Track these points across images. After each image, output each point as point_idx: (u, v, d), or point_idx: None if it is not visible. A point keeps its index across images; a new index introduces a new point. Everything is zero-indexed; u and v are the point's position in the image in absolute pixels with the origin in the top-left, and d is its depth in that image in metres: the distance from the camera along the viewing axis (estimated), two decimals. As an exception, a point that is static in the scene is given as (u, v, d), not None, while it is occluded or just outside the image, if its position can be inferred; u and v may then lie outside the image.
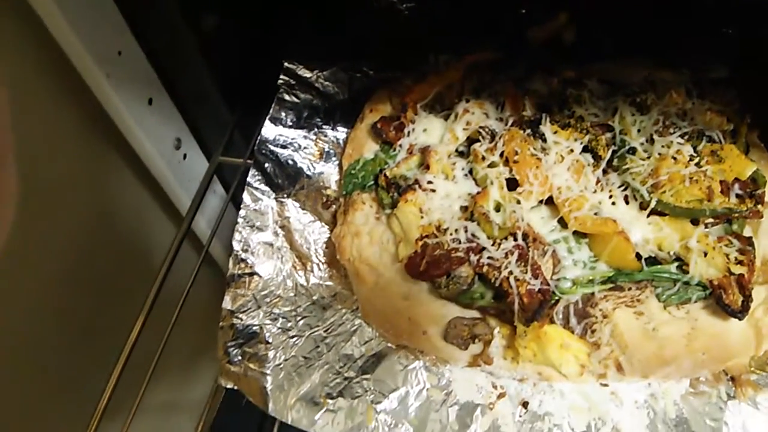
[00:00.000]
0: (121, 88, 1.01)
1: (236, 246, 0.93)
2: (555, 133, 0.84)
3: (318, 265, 0.96)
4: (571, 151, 0.83)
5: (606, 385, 0.82)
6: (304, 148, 1.04)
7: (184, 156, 1.25)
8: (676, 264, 0.80)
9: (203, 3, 1.03)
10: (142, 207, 1.24)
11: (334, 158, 1.05)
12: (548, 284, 0.78)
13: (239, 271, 0.92)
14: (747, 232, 0.84)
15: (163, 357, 1.07)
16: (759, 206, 0.82)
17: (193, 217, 1.13)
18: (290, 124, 1.05)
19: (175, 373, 1.32)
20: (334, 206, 1.01)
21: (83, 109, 0.99)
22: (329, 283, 0.95)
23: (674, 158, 0.79)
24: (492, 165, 0.85)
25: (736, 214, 0.80)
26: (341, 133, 1.07)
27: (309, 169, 1.03)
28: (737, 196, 0.81)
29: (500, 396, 0.84)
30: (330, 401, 0.84)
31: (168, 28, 1.04)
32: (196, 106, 1.19)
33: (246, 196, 0.96)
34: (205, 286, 1.15)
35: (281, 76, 1.07)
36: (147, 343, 1.07)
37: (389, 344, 0.89)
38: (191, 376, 1.38)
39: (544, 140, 0.85)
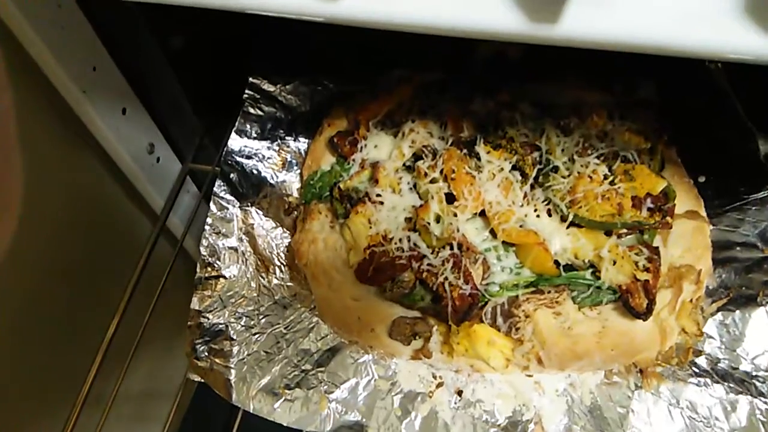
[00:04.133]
0: (97, 101, 1.08)
1: (203, 251, 1.02)
2: (488, 153, 0.94)
3: (280, 267, 1.06)
4: (502, 169, 0.92)
5: (530, 375, 0.93)
6: (268, 158, 1.13)
7: (158, 159, 1.32)
8: (590, 270, 0.90)
9: (171, 22, 1.09)
10: (118, 207, 1.32)
11: (296, 167, 1.14)
12: (477, 289, 0.88)
13: (206, 275, 1.01)
14: (657, 241, 0.94)
15: (141, 348, 1.16)
16: (668, 218, 0.93)
17: (166, 218, 1.21)
18: (255, 135, 1.13)
19: (153, 363, 1.41)
20: (295, 212, 1.10)
21: (61, 121, 1.06)
22: (290, 284, 1.05)
23: (590, 177, 0.90)
24: (433, 181, 0.94)
25: (646, 226, 0.91)
26: (303, 143, 1.16)
27: (272, 178, 1.12)
28: (649, 209, 0.92)
29: (438, 385, 0.94)
30: (288, 392, 0.94)
31: (139, 44, 1.11)
32: (168, 114, 1.26)
33: (212, 206, 1.05)
34: (180, 279, 1.23)
35: (246, 91, 1.15)
36: (126, 335, 1.16)
37: (343, 340, 0.99)
38: (168, 366, 1.48)
39: (479, 159, 0.94)
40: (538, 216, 0.92)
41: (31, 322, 1.08)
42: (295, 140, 1.15)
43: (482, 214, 0.93)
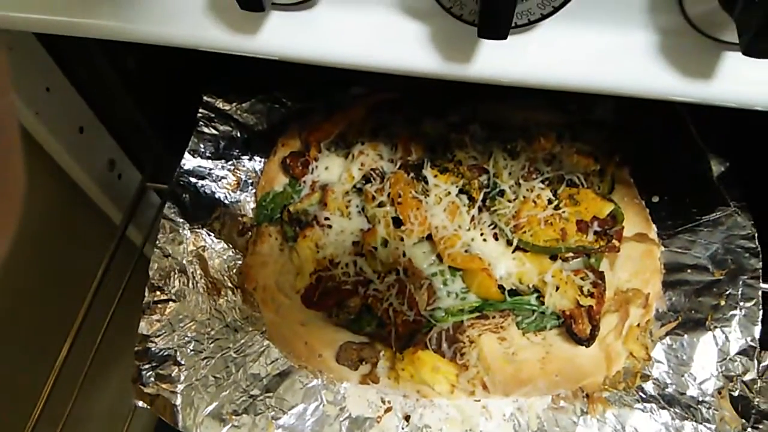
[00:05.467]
0: (51, 121, 1.07)
1: (152, 275, 1.01)
2: (435, 176, 0.94)
3: (231, 290, 1.05)
4: (448, 193, 0.92)
5: (478, 400, 0.93)
6: (222, 178, 1.12)
7: (119, 176, 1.32)
8: (534, 296, 0.90)
9: (124, 46, 1.09)
10: (78, 224, 1.32)
11: (250, 187, 1.13)
12: (421, 315, 0.88)
13: (155, 299, 1.00)
14: (604, 265, 0.94)
15: (109, 368, 1.16)
16: (614, 242, 0.92)
17: (123, 234, 1.21)
18: (209, 155, 1.13)
19: (114, 380, 1.41)
20: (249, 233, 1.09)
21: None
22: (242, 306, 1.04)
23: (534, 202, 0.89)
24: (381, 204, 0.94)
25: (591, 251, 0.91)
26: (258, 163, 1.15)
27: (226, 198, 1.11)
28: (595, 233, 0.91)
29: (387, 410, 0.94)
30: (235, 417, 0.93)
31: (94, 65, 1.11)
32: (128, 132, 1.26)
33: (162, 228, 1.04)
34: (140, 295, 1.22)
35: (200, 110, 1.14)
36: (82, 353, 1.16)
37: (293, 364, 0.99)
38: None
39: (426, 183, 0.94)
40: (484, 240, 0.92)
41: None
42: (250, 159, 1.15)
43: (429, 238, 0.93)
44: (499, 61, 0.55)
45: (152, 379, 0.95)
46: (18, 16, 0.69)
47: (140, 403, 0.94)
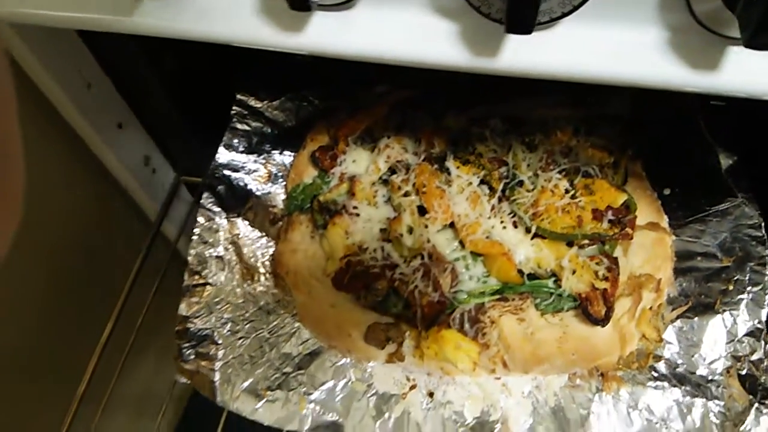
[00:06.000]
0: (92, 116, 1.14)
1: (191, 260, 1.08)
2: (457, 168, 1.00)
3: (264, 275, 1.12)
4: (470, 183, 0.98)
5: (498, 378, 0.99)
6: (254, 171, 1.19)
7: (153, 171, 1.40)
8: (552, 279, 0.96)
9: (161, 44, 1.16)
10: (114, 215, 1.39)
11: (281, 180, 1.20)
12: (445, 296, 0.94)
13: (194, 282, 1.07)
14: (618, 252, 0.99)
15: (142, 349, 1.23)
16: (628, 229, 0.98)
17: (159, 226, 1.28)
18: (242, 149, 1.19)
19: (151, 361, 1.48)
20: (280, 222, 1.16)
21: (60, 138, 1.13)
22: (274, 291, 1.11)
23: (552, 191, 0.95)
24: (406, 194, 1.00)
25: (606, 237, 0.96)
26: (288, 157, 1.22)
27: (258, 190, 1.18)
28: (609, 221, 0.97)
29: (412, 387, 1.00)
30: (269, 393, 0.99)
31: (133, 63, 1.18)
32: (163, 128, 1.33)
33: (200, 217, 1.11)
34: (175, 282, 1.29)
35: (234, 107, 1.21)
36: (124, 337, 1.23)
37: (322, 344, 1.05)
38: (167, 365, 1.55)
39: (449, 174, 1.00)
40: (504, 227, 0.97)
41: (32, 325, 1.15)
42: (280, 154, 1.21)
43: (452, 225, 0.99)
44: (524, 55, 0.61)
45: (192, 356, 1.01)
46: (79, 16, 0.75)
47: (182, 379, 1.00)
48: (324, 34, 0.67)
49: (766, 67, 0.59)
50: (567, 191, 0.96)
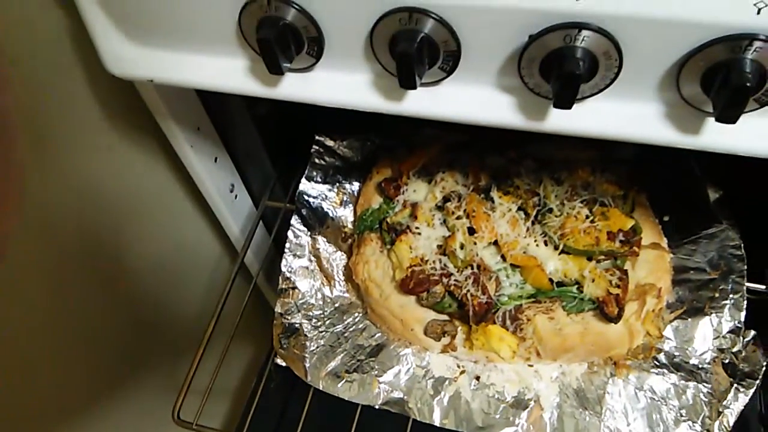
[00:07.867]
0: (197, 151, 1.41)
1: (284, 268, 1.34)
2: (500, 197, 1.25)
3: (339, 282, 1.37)
4: (510, 210, 1.23)
5: (531, 365, 1.23)
6: (329, 198, 1.45)
7: (236, 197, 1.66)
8: (575, 286, 1.19)
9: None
10: (203, 234, 1.66)
11: (350, 205, 1.46)
12: (492, 299, 1.18)
13: (285, 286, 1.33)
14: (627, 266, 1.24)
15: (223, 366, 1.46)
16: (635, 248, 1.23)
17: (246, 251, 1.54)
18: (319, 180, 1.46)
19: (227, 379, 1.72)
20: (350, 240, 1.42)
21: (168, 165, 1.40)
22: (347, 295, 1.36)
23: (575, 217, 1.20)
24: (458, 218, 1.25)
25: (618, 254, 1.22)
26: (355, 186, 1.48)
27: (332, 213, 1.44)
28: (620, 241, 1.22)
29: (461, 372, 1.24)
30: (348, 375, 1.23)
31: (233, 113, 1.45)
32: (247, 162, 1.60)
33: (290, 234, 1.37)
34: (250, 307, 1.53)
35: (313, 146, 1.48)
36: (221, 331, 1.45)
37: (388, 338, 1.30)
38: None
39: (493, 202, 1.26)
40: (537, 245, 1.23)
41: (117, 350, 1.40)
42: (350, 184, 1.48)
43: (495, 243, 1.24)
44: (564, 121, 0.87)
45: (287, 345, 1.27)
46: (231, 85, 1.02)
47: (281, 363, 1.26)
48: (420, 103, 0.93)
49: (732, 133, 0.85)
50: (587, 217, 1.21)
